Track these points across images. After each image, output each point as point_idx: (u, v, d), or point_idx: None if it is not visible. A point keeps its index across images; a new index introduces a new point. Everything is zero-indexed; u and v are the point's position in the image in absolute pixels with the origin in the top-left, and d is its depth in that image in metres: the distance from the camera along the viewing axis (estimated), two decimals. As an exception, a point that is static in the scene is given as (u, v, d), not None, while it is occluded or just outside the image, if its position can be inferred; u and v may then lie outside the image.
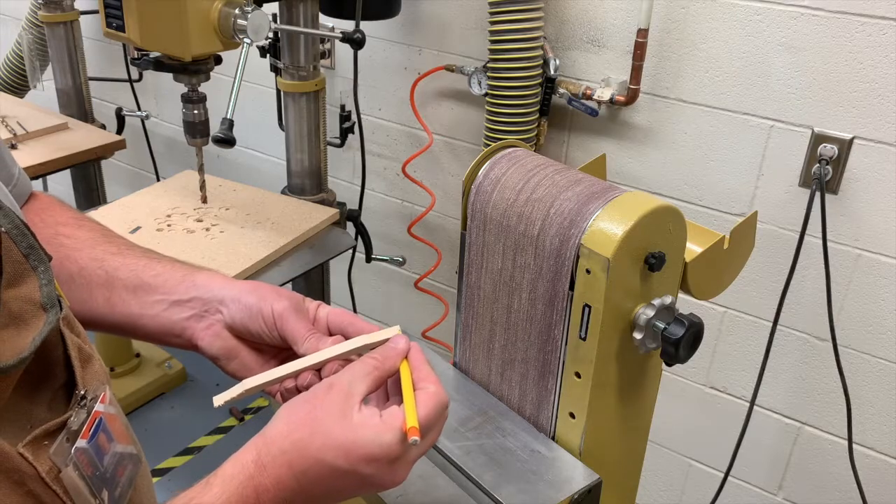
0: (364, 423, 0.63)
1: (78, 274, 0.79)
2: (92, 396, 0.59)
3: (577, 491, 0.87)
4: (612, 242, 0.82)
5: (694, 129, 1.69)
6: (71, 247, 0.80)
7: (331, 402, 0.65)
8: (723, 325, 1.82)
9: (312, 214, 1.77)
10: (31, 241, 0.57)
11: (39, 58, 2.43)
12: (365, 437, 0.63)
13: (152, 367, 2.81)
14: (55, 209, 0.84)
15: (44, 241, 0.79)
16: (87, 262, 0.79)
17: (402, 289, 2.36)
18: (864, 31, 1.45)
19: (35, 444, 0.53)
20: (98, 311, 0.79)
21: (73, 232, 0.82)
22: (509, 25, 1.65)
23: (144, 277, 0.79)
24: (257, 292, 0.76)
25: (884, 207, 1.55)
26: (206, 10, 1.44)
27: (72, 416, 0.57)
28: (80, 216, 0.85)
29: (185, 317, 0.77)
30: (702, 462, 1.98)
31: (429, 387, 0.67)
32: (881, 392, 1.68)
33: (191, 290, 0.78)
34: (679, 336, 0.86)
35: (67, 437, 0.55)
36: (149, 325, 0.78)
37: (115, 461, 0.60)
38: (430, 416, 0.65)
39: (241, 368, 0.78)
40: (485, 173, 0.95)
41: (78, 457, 0.55)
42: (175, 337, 0.78)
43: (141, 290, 0.78)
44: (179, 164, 2.56)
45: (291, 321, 0.74)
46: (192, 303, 0.77)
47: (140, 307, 0.78)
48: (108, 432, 0.60)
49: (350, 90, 1.94)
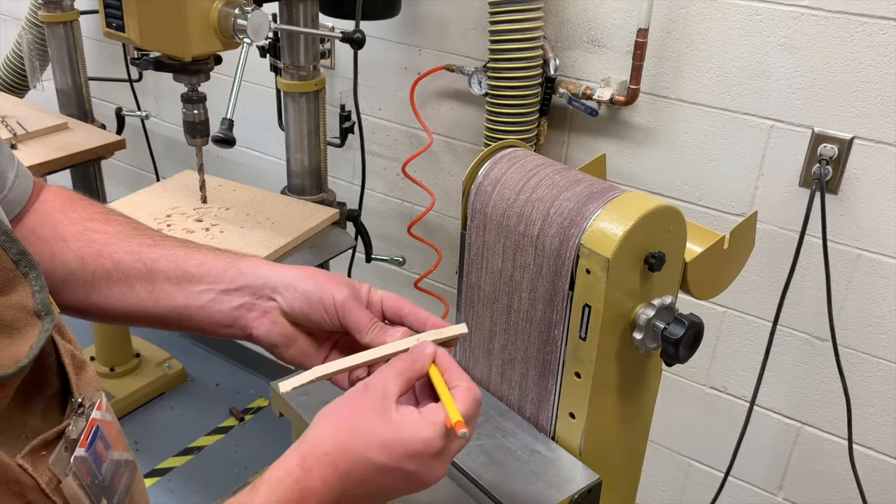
0: (404, 419, 0.64)
1: (114, 269, 0.76)
2: (88, 404, 0.58)
3: (577, 491, 0.87)
4: (612, 242, 0.82)
5: (694, 129, 1.69)
6: (103, 242, 0.78)
7: (370, 403, 0.65)
8: (723, 325, 1.82)
9: (312, 214, 1.77)
10: (20, 248, 0.56)
11: (39, 58, 2.43)
12: (408, 433, 0.64)
13: (152, 367, 2.81)
14: (78, 204, 0.82)
15: (73, 238, 0.77)
16: (122, 255, 0.77)
17: (402, 289, 2.36)
18: (864, 31, 1.45)
19: (33, 455, 0.53)
20: (141, 306, 0.76)
21: (103, 227, 0.79)
22: (509, 25, 1.65)
23: (187, 267, 0.76)
24: (314, 279, 0.75)
25: (884, 207, 1.55)
26: (206, 10, 1.44)
27: (70, 425, 0.56)
28: (106, 209, 0.83)
29: (235, 306, 0.75)
30: (702, 462, 1.98)
31: (462, 383, 0.68)
32: (881, 392, 1.68)
33: (238, 279, 0.76)
34: (679, 336, 0.86)
35: (66, 447, 0.55)
36: (196, 316, 0.76)
37: (112, 468, 0.60)
38: (468, 410, 0.66)
39: (300, 354, 0.77)
40: (485, 173, 0.95)
41: (77, 466, 0.55)
42: (225, 327, 0.76)
43: (185, 280, 0.76)
44: (179, 164, 2.56)
45: (354, 311, 0.74)
46: (242, 291, 0.75)
47: (186, 298, 0.76)
48: (105, 440, 0.59)
49: (350, 90, 1.94)
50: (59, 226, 0.78)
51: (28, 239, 0.77)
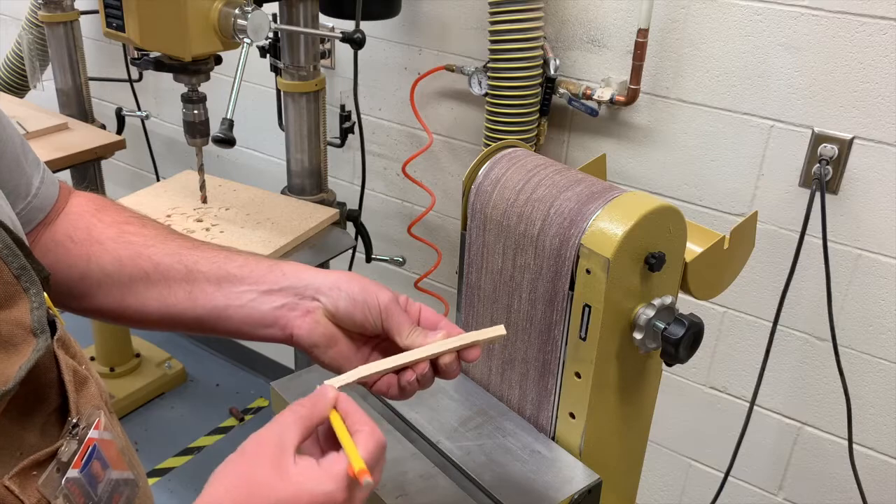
0: (303, 474, 0.61)
1: (154, 270, 0.76)
2: (85, 424, 0.57)
3: (577, 491, 0.87)
4: (612, 242, 0.82)
5: (694, 129, 1.69)
6: (141, 244, 0.77)
7: (265, 459, 0.61)
8: (723, 325, 1.82)
9: (312, 214, 1.77)
10: (22, 262, 0.55)
11: (39, 58, 2.43)
12: (307, 489, 0.60)
13: (152, 367, 2.81)
14: (111, 208, 0.82)
15: (109, 240, 0.77)
16: (161, 257, 0.77)
17: (402, 289, 2.35)
18: (864, 31, 1.45)
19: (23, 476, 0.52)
20: (178, 307, 0.76)
21: (139, 230, 0.79)
22: (509, 25, 1.65)
23: (229, 269, 0.76)
24: (358, 281, 0.75)
25: (884, 207, 1.55)
26: (206, 10, 1.44)
27: (62, 446, 0.55)
28: (141, 215, 0.83)
29: (276, 306, 0.75)
30: (702, 462, 1.98)
31: (364, 428, 0.65)
32: (881, 392, 1.68)
33: (281, 280, 0.76)
34: (679, 336, 0.86)
35: (58, 468, 0.54)
36: (235, 315, 0.76)
37: (110, 488, 0.59)
38: (371, 456, 0.63)
39: (339, 356, 0.77)
40: (485, 173, 0.95)
41: (69, 487, 0.54)
42: (265, 328, 0.76)
43: (226, 281, 0.76)
44: (179, 164, 2.56)
45: (396, 313, 0.74)
46: (284, 292, 0.75)
47: (226, 298, 0.75)
48: (102, 459, 0.58)
49: (350, 90, 1.94)
50: (94, 229, 0.78)
51: (62, 243, 0.77)
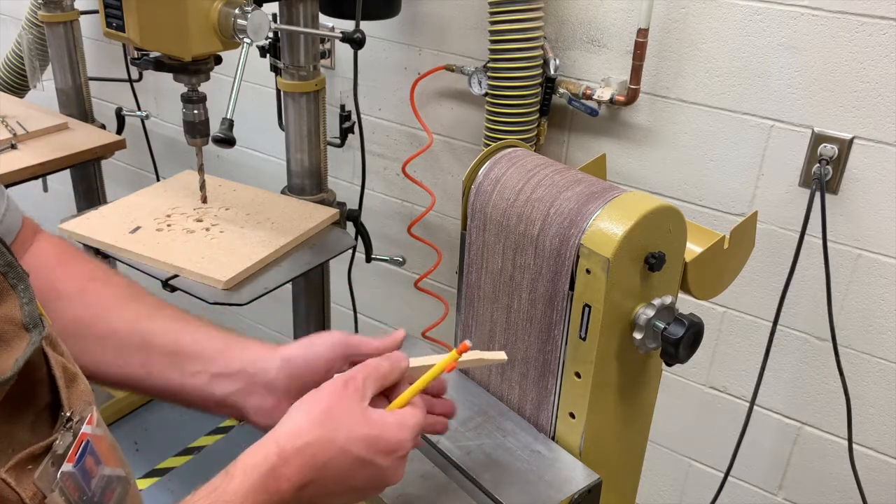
0: (383, 420, 0.70)
1: (111, 335, 0.78)
2: (78, 418, 0.58)
3: (577, 491, 0.87)
4: (612, 242, 0.82)
5: (694, 129, 1.69)
6: (101, 307, 0.79)
7: (348, 402, 0.70)
8: (723, 325, 1.82)
9: (312, 214, 1.77)
10: (8, 259, 0.55)
11: (39, 58, 2.43)
12: (387, 432, 0.69)
13: (152, 367, 2.80)
14: (76, 261, 0.83)
15: (69, 297, 0.78)
16: (119, 324, 0.79)
17: (401, 289, 2.36)
18: (864, 31, 1.45)
19: (18, 469, 0.52)
20: (135, 376, 0.78)
21: (102, 289, 0.81)
22: (509, 25, 1.65)
23: (183, 343, 0.79)
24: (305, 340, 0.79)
25: (884, 207, 1.55)
26: (206, 10, 1.44)
27: (57, 440, 0.55)
28: (105, 269, 0.84)
29: (229, 392, 0.78)
30: (702, 462, 1.98)
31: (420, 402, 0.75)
32: (881, 392, 1.68)
33: (232, 363, 0.78)
34: (679, 336, 0.86)
35: (52, 462, 0.54)
36: (191, 395, 0.79)
37: (102, 484, 0.59)
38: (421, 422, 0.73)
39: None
40: (485, 173, 0.95)
41: (64, 481, 0.54)
42: (221, 408, 0.79)
43: (180, 356, 0.78)
44: (179, 164, 2.55)
45: (351, 337, 0.79)
46: (237, 377, 0.78)
47: (181, 377, 0.78)
48: (95, 455, 0.58)
49: (350, 90, 1.94)
50: (58, 282, 0.79)
51: None
